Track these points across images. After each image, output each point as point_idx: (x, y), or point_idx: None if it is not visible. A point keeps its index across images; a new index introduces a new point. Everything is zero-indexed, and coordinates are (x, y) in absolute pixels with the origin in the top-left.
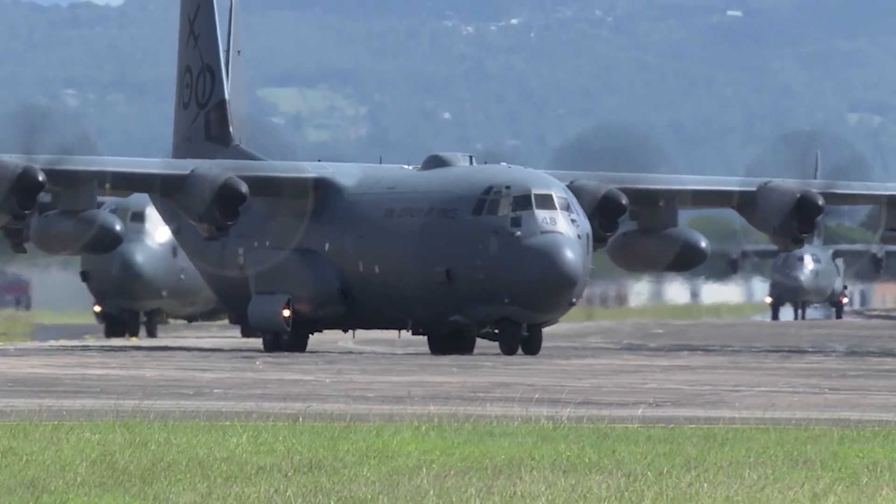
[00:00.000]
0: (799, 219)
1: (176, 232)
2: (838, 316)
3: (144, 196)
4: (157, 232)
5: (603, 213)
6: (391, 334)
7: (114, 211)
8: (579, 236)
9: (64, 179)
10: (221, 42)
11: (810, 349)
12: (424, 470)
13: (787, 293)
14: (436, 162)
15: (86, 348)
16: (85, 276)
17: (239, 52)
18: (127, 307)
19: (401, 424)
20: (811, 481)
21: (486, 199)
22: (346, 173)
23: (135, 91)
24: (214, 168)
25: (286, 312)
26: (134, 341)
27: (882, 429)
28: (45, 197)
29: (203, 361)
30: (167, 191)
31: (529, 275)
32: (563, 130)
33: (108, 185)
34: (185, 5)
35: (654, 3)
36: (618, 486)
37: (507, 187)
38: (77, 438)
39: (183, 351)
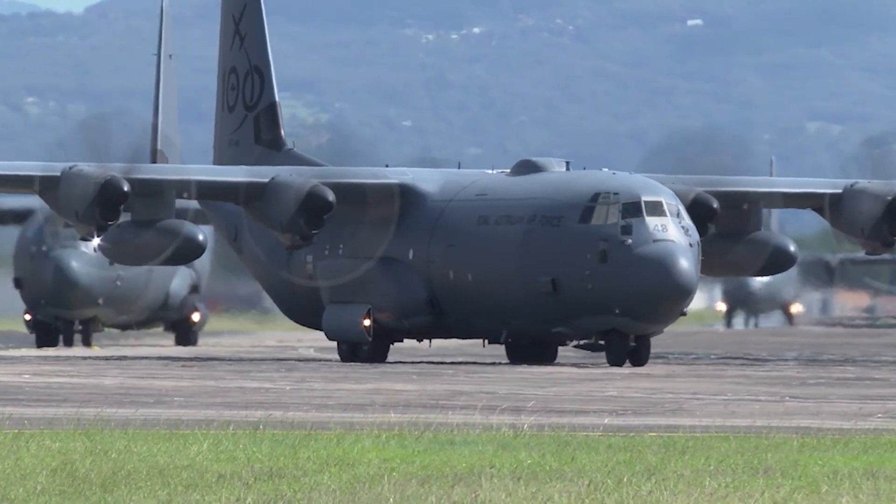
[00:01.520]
0: (890, 221)
1: (232, 238)
2: (790, 324)
3: None
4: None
5: (693, 217)
6: (454, 343)
7: (49, 218)
8: (691, 245)
9: (145, 189)
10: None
11: (767, 357)
12: (385, 478)
13: (738, 301)
14: (528, 167)
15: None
16: (18, 283)
17: (171, 56)
18: (61, 315)
19: (361, 432)
20: (771, 489)
21: (593, 206)
22: (427, 179)
23: (96, 100)
24: (295, 175)
25: (367, 322)
26: (93, 350)
27: (842, 437)
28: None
29: (164, 370)
30: (249, 199)
31: (642, 285)
32: (524, 139)
33: (187, 194)
34: (228, 5)
35: (616, 11)
36: (578, 494)
37: (616, 193)
38: (37, 447)
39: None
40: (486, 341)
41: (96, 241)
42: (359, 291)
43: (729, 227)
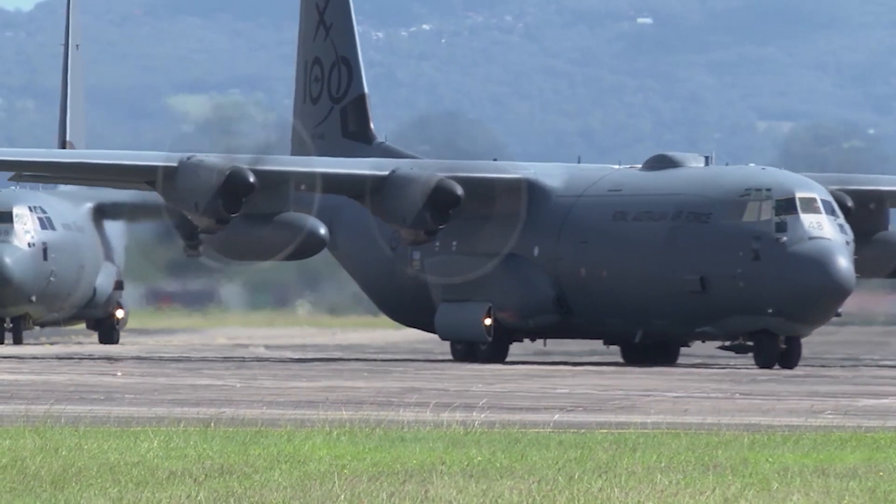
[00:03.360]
0: None
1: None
2: None
3: (11, 193)
4: (26, 233)
5: None
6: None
7: None
8: (847, 242)
9: (267, 181)
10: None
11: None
12: (336, 475)
13: None
14: (664, 162)
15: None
16: None
17: (78, 46)
18: None
19: (312, 430)
20: (722, 486)
21: (745, 203)
22: (550, 174)
23: (44, 97)
24: (417, 169)
25: (488, 321)
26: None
27: (792, 434)
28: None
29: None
30: (369, 193)
31: (798, 284)
32: (472, 136)
33: (306, 187)
34: None
35: (565, 9)
36: (529, 491)
37: (768, 189)
38: None
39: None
40: (609, 342)
41: (203, 235)
42: (478, 289)
43: (856, 226)
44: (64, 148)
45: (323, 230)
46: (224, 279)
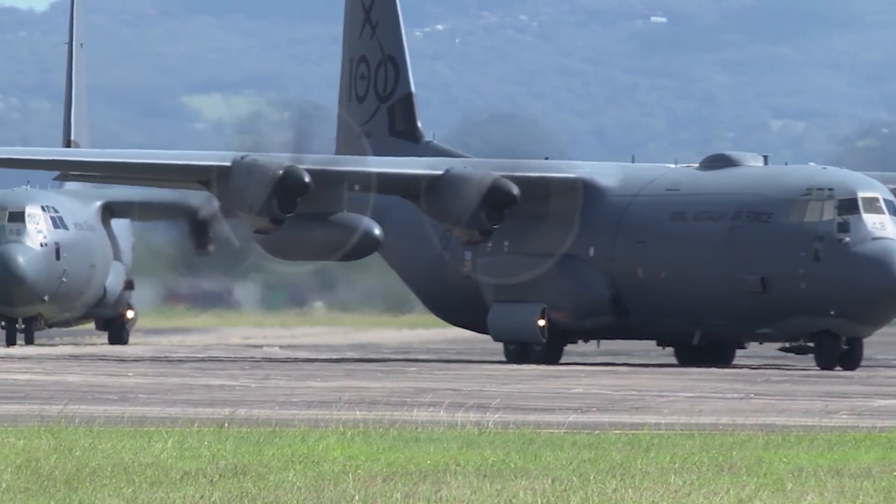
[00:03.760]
0: None
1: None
2: None
3: (23, 193)
4: (39, 232)
5: None
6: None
7: (2, 209)
8: None
9: (322, 180)
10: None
11: None
12: (350, 475)
13: None
14: (722, 161)
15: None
16: None
17: (82, 44)
18: (4, 313)
19: (326, 430)
20: (736, 487)
21: (806, 202)
22: (604, 173)
23: (59, 97)
24: (471, 168)
25: (542, 322)
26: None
27: (807, 434)
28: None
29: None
30: (426, 193)
31: (861, 285)
32: (487, 135)
33: (359, 187)
34: None
35: (579, 8)
36: (543, 492)
37: (830, 189)
38: (1, 444)
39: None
40: (664, 343)
41: (259, 235)
42: (532, 290)
43: None
44: (69, 146)
45: (377, 230)
46: (238, 278)
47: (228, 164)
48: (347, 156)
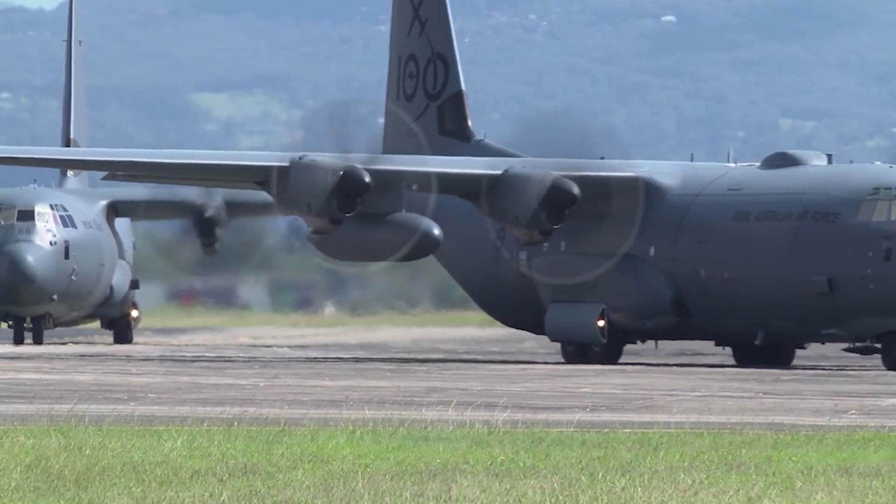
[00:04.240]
0: None
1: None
2: None
3: (32, 191)
4: (48, 231)
5: None
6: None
7: (11, 207)
8: None
9: (381, 181)
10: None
11: None
12: (359, 474)
13: None
14: (785, 160)
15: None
16: None
17: (80, 42)
18: (13, 312)
19: (335, 429)
20: (745, 486)
21: (874, 202)
22: (664, 172)
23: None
24: (530, 168)
25: (601, 323)
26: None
27: (816, 433)
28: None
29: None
30: (485, 192)
31: None
32: (497, 136)
33: (417, 187)
34: None
35: (589, 8)
36: (552, 490)
37: None
38: (11, 443)
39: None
40: (723, 343)
41: (315, 236)
42: (590, 290)
43: None
44: (68, 145)
45: (437, 231)
46: (246, 278)
47: (286, 164)
48: (407, 155)
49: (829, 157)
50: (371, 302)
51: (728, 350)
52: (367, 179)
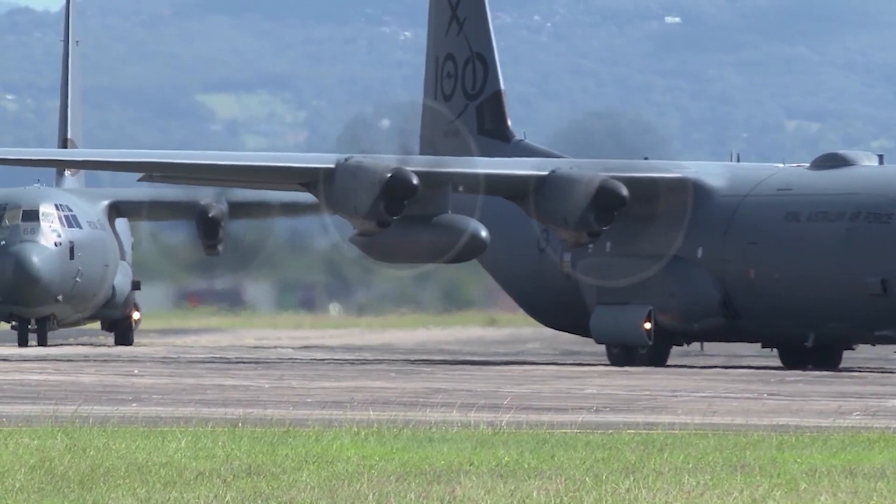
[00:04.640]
0: None
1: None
2: None
3: (37, 191)
4: (53, 231)
5: None
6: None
7: (3, 207)
8: None
9: (428, 182)
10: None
11: None
12: (364, 475)
13: None
14: (836, 160)
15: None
16: None
17: (77, 42)
18: (17, 313)
19: (340, 430)
20: (750, 487)
21: None
22: (711, 173)
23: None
24: (577, 169)
25: (647, 325)
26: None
27: (820, 435)
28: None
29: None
30: (533, 194)
31: None
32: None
33: (463, 188)
34: None
35: (593, 9)
36: (557, 492)
37: None
38: (15, 444)
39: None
40: (770, 345)
41: (361, 238)
42: (637, 292)
43: None
44: (65, 146)
45: (484, 232)
46: (251, 279)
47: (332, 165)
48: (453, 157)
49: (881, 157)
50: (377, 303)
51: (773, 352)
52: (415, 181)
